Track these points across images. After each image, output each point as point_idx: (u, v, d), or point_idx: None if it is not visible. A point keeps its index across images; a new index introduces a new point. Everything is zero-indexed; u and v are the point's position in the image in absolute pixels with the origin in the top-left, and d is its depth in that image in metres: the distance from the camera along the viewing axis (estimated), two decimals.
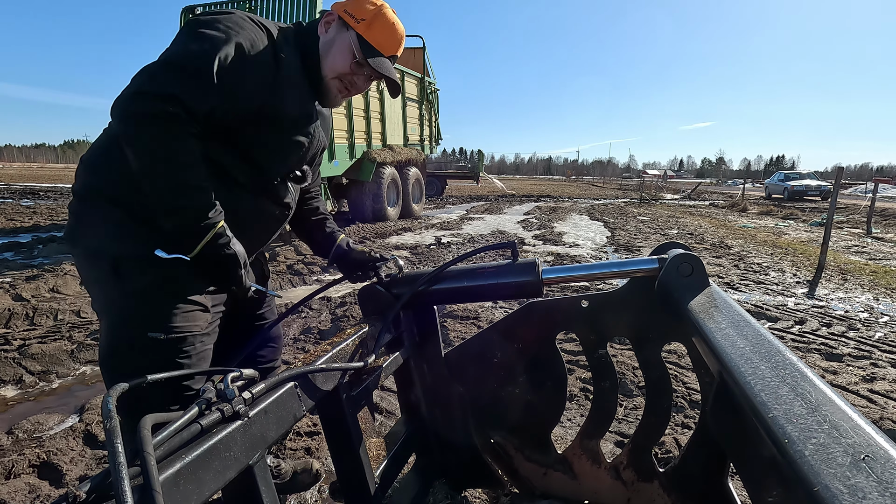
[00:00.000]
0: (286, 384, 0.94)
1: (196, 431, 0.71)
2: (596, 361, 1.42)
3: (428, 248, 7.17)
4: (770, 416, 0.62)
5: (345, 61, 1.25)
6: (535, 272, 1.31)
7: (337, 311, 3.94)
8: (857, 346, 3.30)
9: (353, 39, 1.24)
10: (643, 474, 1.39)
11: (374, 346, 1.24)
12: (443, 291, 1.40)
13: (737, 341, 0.85)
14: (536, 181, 57.60)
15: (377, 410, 2.36)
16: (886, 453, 0.52)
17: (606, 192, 28.46)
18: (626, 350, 3.06)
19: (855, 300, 4.55)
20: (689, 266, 1.13)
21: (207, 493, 0.70)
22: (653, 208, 16.20)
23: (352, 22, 1.24)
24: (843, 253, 7.36)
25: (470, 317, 3.76)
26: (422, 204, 12.31)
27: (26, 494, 1.73)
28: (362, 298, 1.46)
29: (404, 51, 10.40)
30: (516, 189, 28.77)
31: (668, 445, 2.03)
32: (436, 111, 12.70)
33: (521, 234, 8.99)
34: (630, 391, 2.54)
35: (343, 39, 1.25)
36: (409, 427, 1.56)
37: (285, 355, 3.05)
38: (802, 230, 10.53)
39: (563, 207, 15.55)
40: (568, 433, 2.14)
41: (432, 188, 17.78)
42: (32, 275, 4.80)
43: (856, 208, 14.24)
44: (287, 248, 6.44)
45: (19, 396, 2.56)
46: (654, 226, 10.78)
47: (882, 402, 2.49)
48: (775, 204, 18.57)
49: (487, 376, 1.51)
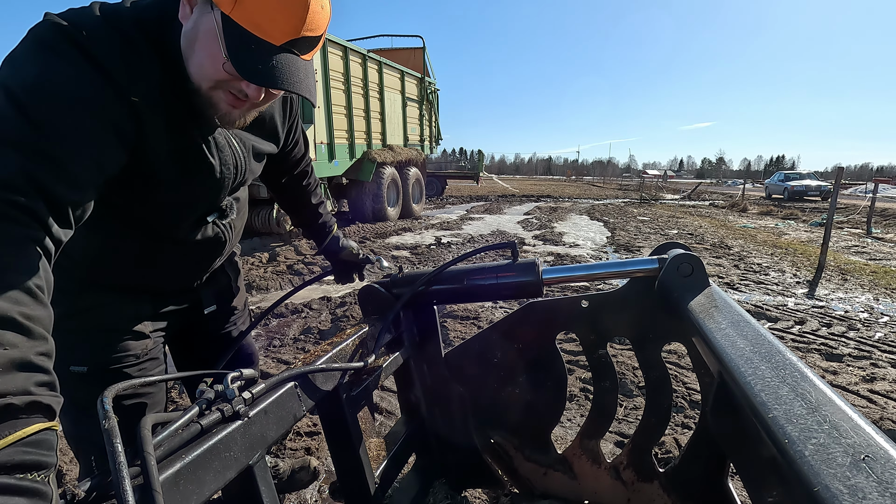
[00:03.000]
0: (286, 384, 0.94)
1: (196, 431, 0.71)
2: (596, 361, 1.42)
3: (428, 248, 7.17)
4: (770, 417, 0.62)
5: (215, 63, 0.77)
6: (536, 272, 1.31)
7: (337, 311, 3.94)
8: (857, 346, 3.30)
9: (219, 24, 0.74)
10: (643, 474, 1.39)
11: (374, 346, 1.24)
12: (443, 291, 1.40)
13: (737, 341, 0.85)
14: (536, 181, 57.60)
15: (377, 410, 2.36)
16: (886, 453, 0.52)
17: (606, 193, 28.47)
18: (626, 350, 3.06)
19: (855, 300, 4.55)
20: (689, 266, 1.13)
21: (207, 493, 0.70)
22: (653, 208, 16.20)
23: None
24: (843, 253, 7.36)
25: (470, 317, 3.76)
26: (422, 204, 12.31)
27: None
28: (362, 298, 1.46)
29: (404, 51, 10.28)
30: (516, 189, 28.77)
31: (668, 445, 2.03)
32: (436, 111, 12.70)
33: (521, 234, 8.99)
34: (630, 391, 2.54)
35: (206, 27, 0.75)
36: (409, 427, 1.55)
37: (285, 355, 3.05)
38: (802, 230, 10.53)
39: (563, 207, 15.54)
40: (568, 433, 2.14)
41: (432, 188, 17.78)
42: None
43: (856, 208, 14.23)
44: (287, 249, 6.44)
45: None
46: (654, 226, 10.78)
47: (882, 403, 2.49)
48: (775, 204, 18.56)
49: (487, 376, 1.51)
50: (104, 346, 1.02)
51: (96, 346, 1.01)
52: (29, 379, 0.53)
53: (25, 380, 0.53)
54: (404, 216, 10.95)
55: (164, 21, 0.80)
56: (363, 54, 8.80)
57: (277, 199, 1.48)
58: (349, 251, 1.52)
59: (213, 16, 0.74)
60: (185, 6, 0.78)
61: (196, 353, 1.33)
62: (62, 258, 0.75)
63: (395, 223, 9.83)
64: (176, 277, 1.14)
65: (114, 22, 0.77)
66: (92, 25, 0.74)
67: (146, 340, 1.09)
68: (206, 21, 0.75)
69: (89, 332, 1.01)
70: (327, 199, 8.08)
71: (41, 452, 0.51)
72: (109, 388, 0.64)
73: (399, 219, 10.58)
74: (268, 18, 0.73)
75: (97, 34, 0.74)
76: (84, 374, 0.99)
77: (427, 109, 12.12)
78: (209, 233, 1.07)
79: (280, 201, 1.49)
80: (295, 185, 1.42)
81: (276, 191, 1.43)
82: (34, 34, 0.72)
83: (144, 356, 1.08)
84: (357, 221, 9.45)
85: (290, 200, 1.47)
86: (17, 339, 0.54)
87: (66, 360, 0.96)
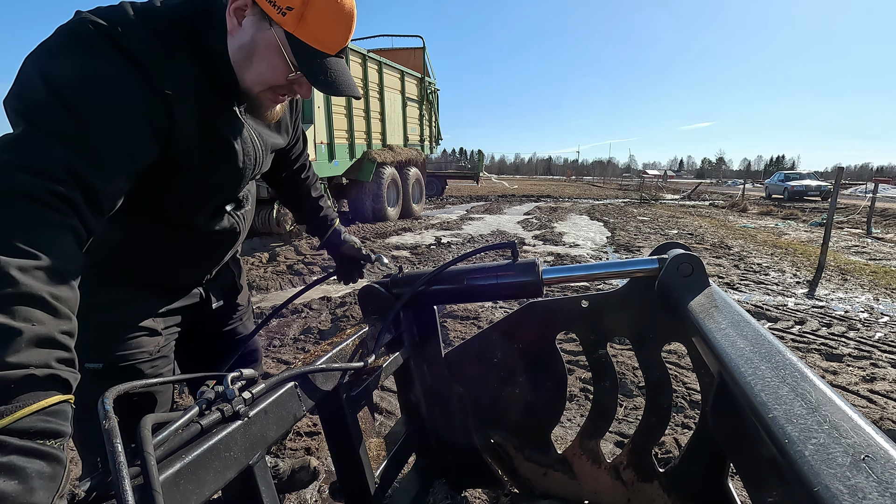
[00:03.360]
0: (286, 384, 0.94)
1: (196, 431, 0.71)
2: (596, 361, 1.42)
3: (428, 248, 7.17)
4: (770, 417, 0.62)
5: (277, 74, 0.88)
6: (536, 272, 1.31)
7: (337, 311, 3.94)
8: (857, 346, 3.30)
9: (283, 41, 0.85)
10: (643, 474, 1.39)
11: (374, 346, 1.24)
12: (443, 291, 1.40)
13: (737, 341, 0.85)
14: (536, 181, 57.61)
15: (377, 410, 2.36)
16: (886, 453, 0.52)
17: (606, 193, 28.48)
18: (626, 350, 3.06)
19: (855, 300, 4.55)
20: (689, 266, 1.13)
21: (207, 493, 0.70)
22: (653, 208, 16.20)
23: (275, 14, 0.83)
24: (843, 253, 7.36)
25: (470, 317, 3.76)
26: (422, 204, 12.31)
27: None
28: (362, 298, 1.46)
29: (404, 51, 10.34)
30: (516, 189, 28.77)
31: (668, 445, 2.03)
32: (436, 111, 12.70)
33: (522, 234, 8.99)
34: (630, 391, 2.54)
35: (267, 43, 0.85)
36: (409, 427, 1.55)
37: (285, 355, 3.05)
38: (802, 230, 10.53)
39: (563, 207, 15.55)
40: (568, 433, 2.14)
41: (432, 188, 17.78)
42: None
43: (856, 208, 14.23)
44: (287, 249, 6.44)
45: None
46: (654, 226, 10.78)
47: (882, 403, 2.49)
48: (775, 204, 18.56)
49: (487, 376, 1.51)
50: (119, 343, 1.04)
51: (111, 343, 1.03)
52: (50, 354, 0.58)
53: (47, 355, 0.57)
54: (404, 216, 10.95)
55: (198, 22, 0.87)
56: (363, 54, 8.80)
57: (278, 194, 1.50)
58: (350, 245, 1.53)
59: (273, 33, 0.84)
60: (233, 19, 0.86)
61: (200, 352, 1.34)
62: None
63: (395, 223, 9.84)
64: (190, 270, 1.17)
65: (148, 20, 0.82)
66: (127, 23, 0.79)
67: (158, 338, 1.11)
68: (266, 37, 0.85)
69: (104, 328, 1.03)
70: (328, 199, 8.10)
71: (59, 422, 0.56)
72: (110, 390, 0.64)
73: (399, 219, 10.58)
74: (328, 34, 0.85)
75: (133, 31, 0.79)
76: (99, 370, 1.01)
77: (427, 109, 12.12)
78: (225, 223, 1.11)
79: (281, 197, 1.51)
80: (294, 179, 1.46)
81: (277, 186, 1.46)
82: (71, 31, 0.77)
83: (157, 353, 1.11)
84: (357, 221, 9.45)
85: (290, 194, 1.49)
86: (44, 317, 0.59)
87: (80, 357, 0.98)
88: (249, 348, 1.45)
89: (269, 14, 0.83)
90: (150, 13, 0.84)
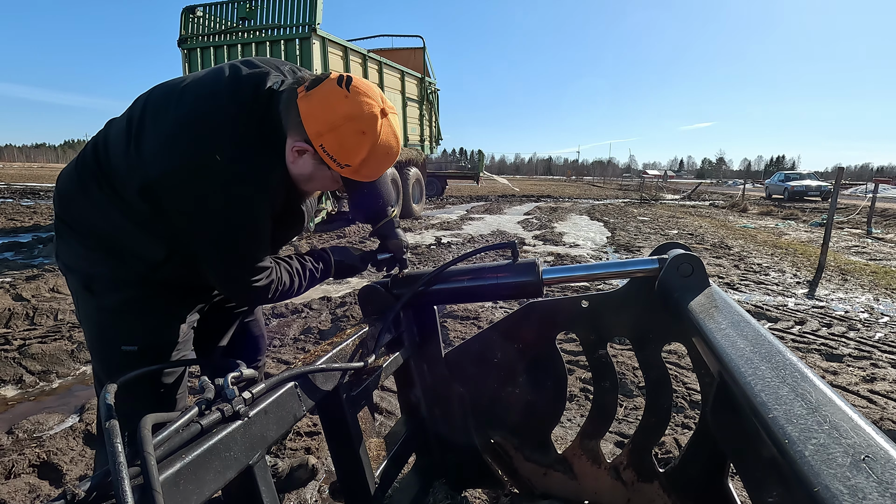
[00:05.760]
0: (286, 384, 0.94)
1: (196, 431, 0.71)
2: (596, 361, 1.42)
3: (428, 249, 7.16)
4: (770, 417, 0.62)
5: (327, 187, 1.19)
6: (536, 272, 1.31)
7: (337, 312, 3.94)
8: (857, 346, 3.29)
9: (338, 178, 1.10)
10: (643, 474, 1.39)
11: (374, 346, 1.24)
12: (443, 291, 1.40)
13: (737, 341, 0.85)
14: (536, 181, 57.61)
15: (377, 410, 2.36)
16: (886, 454, 0.52)
17: (606, 193, 28.47)
18: (626, 350, 3.06)
19: (855, 300, 4.55)
20: (689, 266, 1.13)
21: (207, 492, 0.70)
22: (653, 209, 16.20)
23: (333, 165, 1.03)
24: (844, 253, 7.36)
25: (470, 317, 3.76)
26: (422, 204, 12.31)
27: (26, 494, 1.73)
28: (362, 298, 1.46)
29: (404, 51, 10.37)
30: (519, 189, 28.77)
31: (668, 445, 2.03)
32: (436, 111, 12.69)
33: (522, 235, 8.99)
34: (630, 391, 2.54)
35: (324, 175, 1.09)
36: (409, 427, 1.55)
37: (285, 355, 3.05)
38: (802, 230, 10.53)
39: (563, 207, 15.54)
40: (568, 433, 2.14)
41: (432, 188, 17.75)
42: (33, 275, 4.80)
43: (856, 209, 14.22)
44: (287, 248, 6.44)
45: (19, 396, 2.56)
46: (655, 226, 10.77)
47: (882, 403, 2.49)
48: (775, 204, 18.56)
49: (487, 376, 1.51)
50: (154, 329, 1.18)
51: (147, 329, 1.17)
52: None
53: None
54: (404, 216, 10.94)
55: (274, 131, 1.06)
56: (363, 54, 8.80)
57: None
58: (397, 242, 1.51)
59: (332, 174, 1.08)
60: (293, 153, 1.05)
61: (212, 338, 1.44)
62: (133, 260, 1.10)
63: None
64: None
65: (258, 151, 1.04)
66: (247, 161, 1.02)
67: (184, 325, 1.24)
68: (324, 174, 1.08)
69: (145, 316, 1.17)
70: (327, 200, 8.08)
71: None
72: (110, 385, 0.64)
73: (399, 219, 10.57)
74: (375, 173, 1.09)
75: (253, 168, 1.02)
76: (134, 352, 1.15)
77: (427, 109, 12.12)
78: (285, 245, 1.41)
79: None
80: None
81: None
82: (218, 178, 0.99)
83: (184, 339, 1.24)
84: (357, 221, 9.44)
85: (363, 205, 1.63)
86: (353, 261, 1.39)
87: (117, 340, 1.16)
88: (254, 333, 1.57)
89: (327, 163, 1.03)
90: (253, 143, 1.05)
